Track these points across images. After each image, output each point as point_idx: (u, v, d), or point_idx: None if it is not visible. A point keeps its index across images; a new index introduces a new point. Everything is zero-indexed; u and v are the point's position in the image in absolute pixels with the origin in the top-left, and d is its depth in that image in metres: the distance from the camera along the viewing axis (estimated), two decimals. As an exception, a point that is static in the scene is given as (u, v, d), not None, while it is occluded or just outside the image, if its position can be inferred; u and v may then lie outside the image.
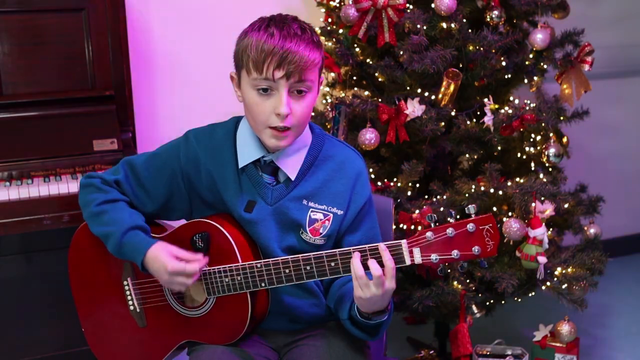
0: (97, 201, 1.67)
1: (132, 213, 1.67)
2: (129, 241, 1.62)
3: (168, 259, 1.57)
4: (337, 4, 2.66)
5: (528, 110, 2.41)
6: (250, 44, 1.55)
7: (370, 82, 2.63)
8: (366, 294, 1.50)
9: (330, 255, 1.55)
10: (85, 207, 1.70)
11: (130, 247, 1.62)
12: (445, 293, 2.32)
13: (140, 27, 2.78)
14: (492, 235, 1.49)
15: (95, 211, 1.67)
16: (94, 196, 1.68)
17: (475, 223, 1.49)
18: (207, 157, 1.68)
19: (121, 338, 1.77)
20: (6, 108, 2.32)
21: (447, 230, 1.50)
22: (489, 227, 1.49)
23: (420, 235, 1.51)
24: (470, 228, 1.49)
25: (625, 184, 3.74)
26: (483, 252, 1.49)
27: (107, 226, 1.65)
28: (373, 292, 1.50)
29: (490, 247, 1.49)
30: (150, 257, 1.60)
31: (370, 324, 1.59)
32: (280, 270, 1.58)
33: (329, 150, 1.70)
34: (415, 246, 1.51)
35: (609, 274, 2.59)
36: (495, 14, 2.41)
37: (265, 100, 1.56)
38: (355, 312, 1.58)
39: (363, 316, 1.57)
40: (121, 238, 1.62)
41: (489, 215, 1.50)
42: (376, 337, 1.64)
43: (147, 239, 1.63)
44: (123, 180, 1.70)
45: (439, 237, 1.50)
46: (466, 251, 1.49)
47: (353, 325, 1.63)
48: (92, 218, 1.68)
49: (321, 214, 1.67)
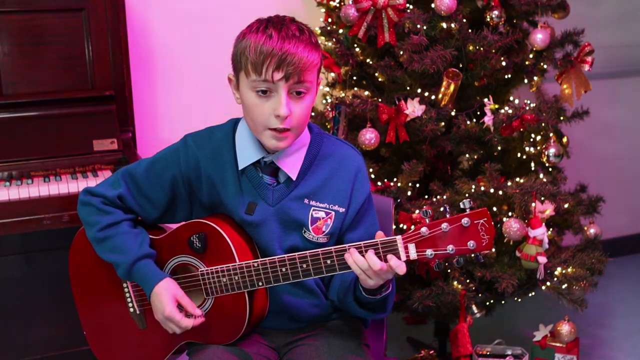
0: (99, 225, 1.67)
1: (136, 236, 1.67)
2: (139, 272, 1.64)
3: (168, 304, 1.60)
4: (337, 4, 2.66)
5: (528, 110, 2.41)
6: (248, 45, 1.54)
7: (370, 82, 2.63)
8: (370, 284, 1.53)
9: (326, 253, 1.55)
10: (88, 227, 1.70)
11: (140, 278, 1.65)
12: (445, 293, 2.32)
13: (140, 27, 2.78)
14: (487, 229, 1.49)
15: (100, 237, 1.67)
16: (96, 219, 1.68)
17: (469, 217, 1.48)
18: (207, 160, 1.68)
19: (122, 339, 1.77)
20: (6, 108, 2.32)
21: (442, 226, 1.49)
22: (483, 222, 1.48)
23: (415, 231, 1.51)
24: (465, 223, 1.48)
25: (625, 184, 3.74)
26: (478, 246, 1.49)
27: (114, 254, 1.66)
28: (378, 281, 1.52)
29: (486, 241, 1.49)
30: (155, 292, 1.63)
31: (377, 299, 1.60)
32: (277, 269, 1.58)
33: (327, 148, 1.70)
34: (411, 242, 1.51)
35: (609, 274, 2.59)
36: (495, 14, 2.41)
37: (265, 102, 1.56)
38: (360, 292, 1.60)
39: (369, 292, 1.58)
40: (130, 269, 1.64)
41: (484, 209, 1.50)
42: (386, 311, 1.66)
43: (156, 273, 1.64)
44: (125, 194, 1.69)
45: (434, 233, 1.50)
46: (461, 246, 1.49)
47: (361, 306, 1.64)
48: (97, 243, 1.69)
49: (323, 212, 1.67)
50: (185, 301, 1.62)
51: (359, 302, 1.64)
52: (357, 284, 1.60)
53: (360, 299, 1.63)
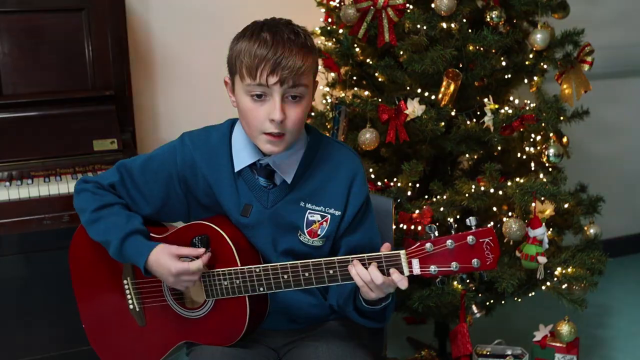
0: (92, 207, 1.67)
1: (129, 216, 1.67)
2: (130, 247, 1.62)
3: (171, 262, 1.58)
4: (337, 4, 2.66)
5: (528, 110, 2.41)
6: (243, 49, 1.54)
7: (370, 82, 2.63)
8: (372, 296, 1.53)
9: (329, 263, 1.55)
10: (82, 213, 1.70)
11: (132, 252, 1.63)
12: (445, 293, 2.32)
13: (140, 27, 2.78)
14: (492, 248, 1.48)
15: (92, 218, 1.67)
16: (89, 202, 1.68)
17: (475, 236, 1.47)
18: (203, 160, 1.67)
19: (121, 336, 1.77)
20: (6, 108, 2.32)
21: (447, 242, 1.48)
22: (489, 240, 1.47)
23: (420, 247, 1.50)
24: (470, 241, 1.47)
25: (625, 184, 3.74)
26: (483, 265, 1.48)
27: (106, 233, 1.65)
28: (379, 294, 1.53)
29: (490, 260, 1.48)
30: (152, 261, 1.61)
31: (377, 309, 1.60)
32: (278, 276, 1.58)
33: (325, 151, 1.70)
34: (415, 257, 1.50)
35: (609, 274, 2.59)
36: (495, 14, 2.41)
37: (260, 106, 1.56)
38: (360, 303, 1.59)
39: (369, 303, 1.58)
40: (121, 244, 1.62)
41: (490, 228, 1.49)
42: (385, 321, 1.66)
43: (147, 244, 1.63)
44: (118, 184, 1.69)
45: (439, 249, 1.49)
46: (465, 264, 1.48)
47: (360, 315, 1.64)
48: (90, 225, 1.68)
49: (319, 215, 1.66)
50: (183, 250, 1.60)
51: (359, 311, 1.64)
52: (357, 293, 1.60)
53: (360, 309, 1.62)
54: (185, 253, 1.59)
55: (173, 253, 1.59)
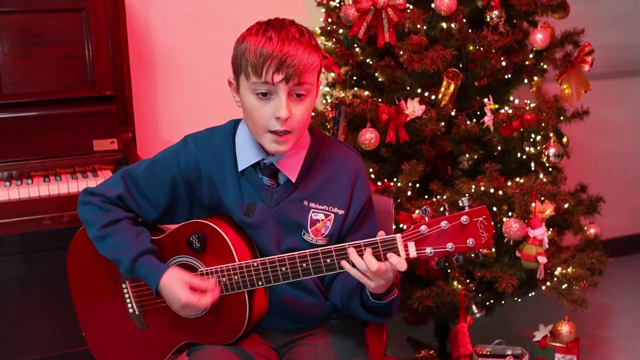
0: (100, 223, 1.67)
1: (138, 233, 1.67)
2: (142, 268, 1.63)
3: (182, 291, 1.58)
4: (337, 4, 2.66)
5: (528, 110, 2.41)
6: (248, 48, 1.54)
7: (370, 82, 2.63)
8: (371, 285, 1.52)
9: (326, 252, 1.55)
10: (89, 226, 1.70)
11: (144, 273, 1.63)
12: (445, 293, 2.32)
13: (140, 27, 2.78)
14: (486, 227, 1.49)
15: (101, 234, 1.67)
16: (96, 217, 1.68)
17: (468, 215, 1.48)
18: (207, 161, 1.68)
19: (121, 341, 1.77)
20: (6, 108, 2.32)
21: (441, 223, 1.49)
22: (482, 219, 1.49)
23: (415, 229, 1.51)
24: (464, 220, 1.48)
25: (625, 184, 3.74)
26: (478, 243, 1.49)
27: (116, 251, 1.65)
28: (379, 282, 1.52)
29: (485, 238, 1.49)
30: (164, 285, 1.61)
31: (383, 304, 1.59)
32: (276, 268, 1.58)
33: (328, 150, 1.70)
34: (410, 240, 1.51)
35: (609, 274, 2.59)
36: (495, 14, 2.41)
37: (265, 105, 1.56)
38: (367, 298, 1.59)
39: (376, 297, 1.58)
40: (133, 264, 1.63)
41: (483, 207, 1.50)
42: (391, 316, 1.66)
43: (159, 266, 1.63)
44: (125, 194, 1.69)
45: (433, 230, 1.50)
46: (461, 243, 1.49)
47: (367, 311, 1.64)
48: (98, 241, 1.68)
49: (322, 214, 1.67)
50: (196, 282, 1.60)
51: (365, 307, 1.64)
52: (363, 289, 1.60)
53: (367, 304, 1.62)
54: (197, 285, 1.59)
55: (185, 281, 1.60)
